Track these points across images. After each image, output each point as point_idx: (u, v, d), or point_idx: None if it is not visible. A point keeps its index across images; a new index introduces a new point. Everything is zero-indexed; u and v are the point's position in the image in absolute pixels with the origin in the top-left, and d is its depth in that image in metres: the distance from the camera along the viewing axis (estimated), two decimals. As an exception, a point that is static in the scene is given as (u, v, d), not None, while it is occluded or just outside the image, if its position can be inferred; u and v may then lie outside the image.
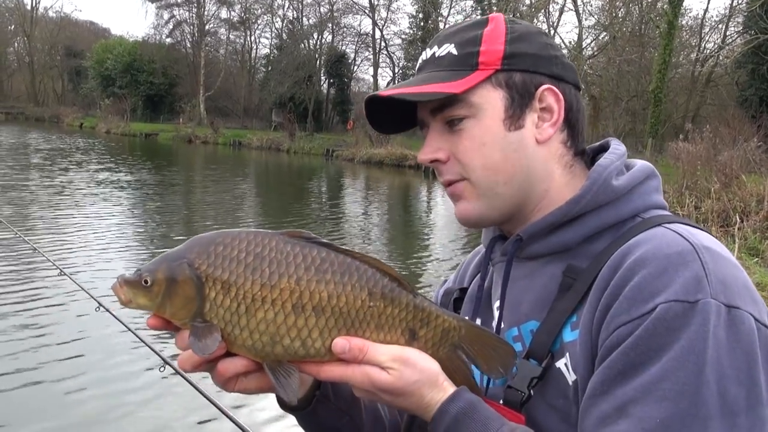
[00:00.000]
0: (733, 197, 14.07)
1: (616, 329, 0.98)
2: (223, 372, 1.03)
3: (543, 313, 1.12)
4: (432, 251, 14.45)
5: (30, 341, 6.79)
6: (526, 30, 1.21)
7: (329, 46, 58.62)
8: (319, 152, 42.60)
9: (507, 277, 1.20)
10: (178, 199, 19.98)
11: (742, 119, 21.69)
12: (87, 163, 27.78)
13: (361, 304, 1.03)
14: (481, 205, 1.19)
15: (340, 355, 1.02)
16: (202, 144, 48.40)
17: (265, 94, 57.96)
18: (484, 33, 1.18)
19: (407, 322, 1.06)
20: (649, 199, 1.17)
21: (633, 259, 1.01)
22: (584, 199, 1.14)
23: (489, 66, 1.16)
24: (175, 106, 61.36)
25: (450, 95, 1.14)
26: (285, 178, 31.62)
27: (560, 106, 1.18)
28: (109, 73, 63.27)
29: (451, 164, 1.20)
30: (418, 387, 1.04)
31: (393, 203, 24.00)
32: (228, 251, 1.01)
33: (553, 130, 1.18)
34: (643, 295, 0.97)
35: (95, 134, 51.71)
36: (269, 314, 0.99)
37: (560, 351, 1.07)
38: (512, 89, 1.16)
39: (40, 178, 21.34)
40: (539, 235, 1.17)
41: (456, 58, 1.18)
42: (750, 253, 11.02)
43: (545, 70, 1.18)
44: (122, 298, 1.01)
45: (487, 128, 1.16)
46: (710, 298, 0.94)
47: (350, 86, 59.83)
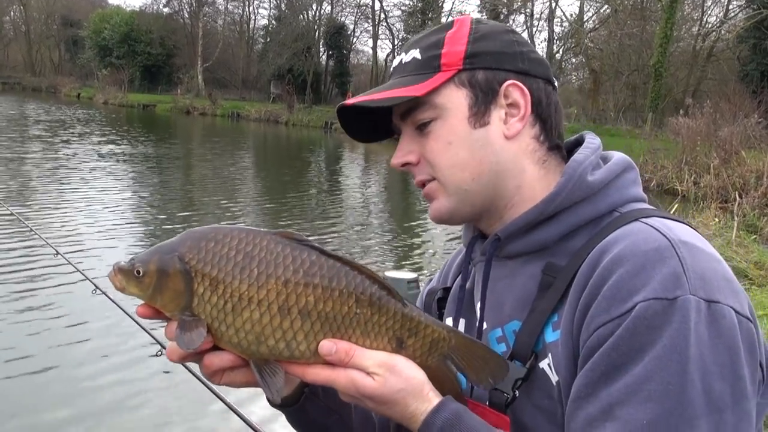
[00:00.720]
0: (732, 173, 14.09)
1: (596, 329, 0.97)
2: (209, 365, 1.04)
3: (525, 312, 1.12)
4: (430, 224, 14.45)
5: (25, 323, 6.76)
6: (490, 29, 1.21)
7: (328, 17, 58.13)
8: (318, 125, 42.42)
9: (487, 277, 1.20)
10: (177, 174, 19.91)
11: (743, 94, 21.61)
12: (88, 136, 27.67)
13: (348, 310, 1.02)
14: (451, 202, 1.20)
15: (326, 357, 1.02)
16: (200, 115, 48.21)
17: (263, 66, 57.58)
18: (447, 36, 1.19)
19: (394, 331, 1.05)
20: (626, 193, 1.16)
21: (610, 258, 1.01)
22: (559, 196, 1.13)
23: (451, 67, 1.17)
24: (173, 77, 61.06)
25: (412, 98, 1.16)
26: (284, 152, 31.55)
27: (527, 101, 1.17)
28: (106, 43, 62.83)
29: (421, 166, 1.21)
30: (402, 396, 1.03)
31: (392, 176, 23.96)
32: (219, 248, 1.01)
33: (521, 125, 1.18)
34: (621, 294, 0.97)
35: (93, 105, 51.46)
36: (255, 314, 0.99)
37: (543, 351, 1.07)
38: (475, 87, 1.17)
39: (41, 151, 21.23)
40: (517, 234, 1.17)
41: (419, 63, 1.19)
42: (749, 230, 11.03)
43: (510, 66, 1.18)
44: (116, 285, 1.03)
45: (452, 127, 1.17)
46: (689, 294, 0.94)
47: (349, 58, 59.49)
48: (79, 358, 6.13)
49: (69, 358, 6.13)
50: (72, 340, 6.47)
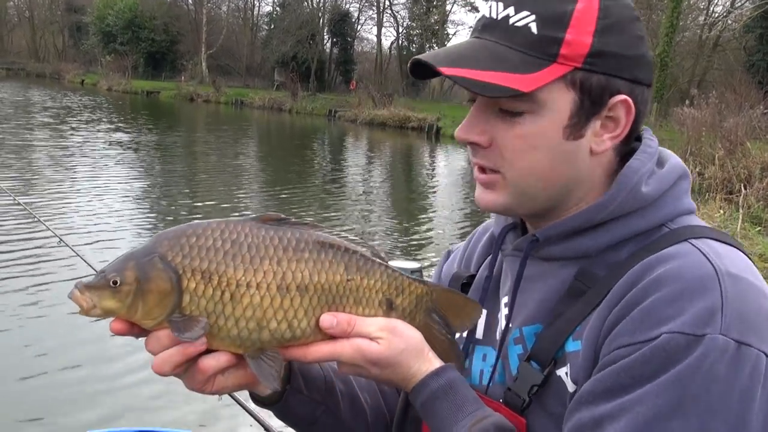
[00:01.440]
0: (737, 164, 14.03)
1: (617, 349, 0.95)
2: (205, 369, 1.00)
3: (548, 316, 1.09)
4: (435, 213, 14.46)
5: (25, 310, 6.76)
6: (620, 15, 1.04)
7: (333, 4, 57.87)
8: (322, 113, 42.33)
9: (520, 277, 1.15)
10: (182, 162, 19.89)
11: (749, 85, 21.53)
12: (94, 123, 27.60)
13: (340, 279, 1.04)
14: (510, 201, 1.10)
15: (328, 330, 1.02)
16: (204, 102, 48.12)
17: (267, 53, 57.37)
18: (576, 11, 1.01)
19: (383, 293, 1.08)
20: (679, 205, 1.08)
21: (650, 278, 0.96)
22: (611, 205, 1.06)
23: (569, 62, 1.01)
24: (177, 63, 60.87)
25: (517, 92, 1.00)
26: (288, 140, 31.51)
27: (628, 120, 1.06)
28: (110, 29, 62.56)
29: (490, 152, 1.08)
30: (405, 356, 1.05)
31: (396, 165, 23.94)
32: (202, 241, 0.99)
33: (612, 143, 1.07)
34: (650, 321, 0.93)
35: (97, 91, 51.35)
36: (255, 298, 0.99)
37: (562, 359, 1.05)
38: (585, 94, 1.03)
39: (47, 138, 21.20)
40: (557, 239, 1.10)
41: (534, 40, 1.02)
42: (753, 222, 11.01)
43: (627, 74, 1.05)
44: (84, 305, 0.96)
45: (543, 131, 1.04)
46: (718, 333, 0.90)
47: (353, 46, 59.22)
48: (78, 346, 6.11)
49: (69, 348, 6.12)
50: (72, 328, 6.48)
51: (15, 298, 7.01)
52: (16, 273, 7.70)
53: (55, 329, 6.34)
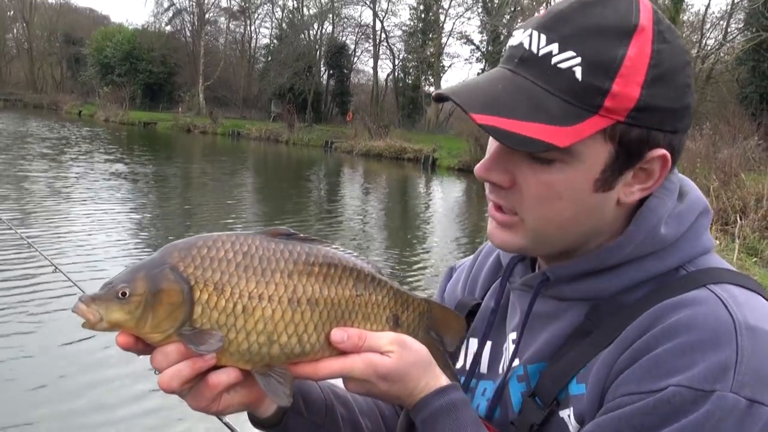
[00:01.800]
0: (732, 195, 14.05)
1: (622, 396, 0.92)
2: (215, 384, 0.96)
3: (554, 355, 1.06)
4: (431, 244, 14.46)
5: (19, 338, 6.72)
6: (672, 62, 0.95)
7: (329, 37, 58.41)
8: (318, 144, 42.47)
9: (528, 314, 1.11)
10: (179, 194, 19.91)
11: (742, 117, 21.64)
12: (91, 154, 27.62)
13: (350, 293, 1.03)
14: (525, 244, 1.06)
15: (339, 345, 1.00)
16: (200, 134, 48.24)
17: (264, 85, 57.71)
18: (627, 58, 0.92)
19: (390, 308, 1.07)
20: (697, 245, 1.03)
21: (663, 326, 0.92)
22: (627, 247, 1.01)
23: (612, 114, 0.93)
24: (174, 95, 61.18)
25: (552, 147, 0.93)
26: (284, 171, 31.56)
27: (663, 174, 0.99)
28: (108, 60, 62.93)
29: (511, 193, 1.02)
30: (416, 369, 1.03)
31: (392, 196, 23.96)
32: (214, 252, 0.97)
33: (642, 194, 1.01)
34: (658, 371, 0.89)
35: (94, 122, 51.51)
36: (267, 311, 0.97)
37: (565, 401, 1.02)
38: (623, 147, 0.96)
39: (46, 169, 21.12)
40: (569, 279, 1.06)
41: (578, 87, 0.92)
42: (749, 252, 11.02)
43: (669, 127, 0.97)
44: (91, 318, 0.93)
45: (572, 182, 0.97)
46: (729, 391, 0.85)
47: (350, 78, 59.67)
48: (76, 373, 6.09)
49: (57, 370, 6.08)
50: (68, 355, 6.42)
51: (12, 326, 6.95)
52: (12, 302, 7.65)
53: (51, 359, 6.28)
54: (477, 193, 25.62)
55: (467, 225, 17.42)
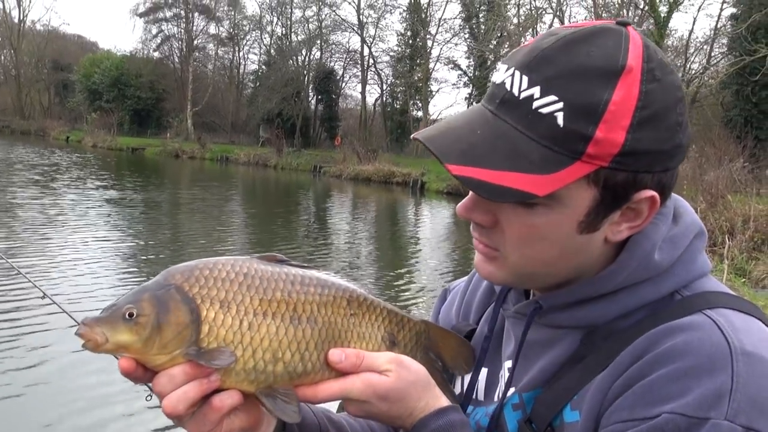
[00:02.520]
0: (719, 217, 14.15)
1: (616, 423, 0.90)
2: (220, 406, 0.95)
3: (549, 382, 1.05)
4: (420, 266, 14.43)
5: (8, 363, 6.66)
6: (662, 101, 0.91)
7: (317, 62, 58.67)
8: (307, 168, 42.49)
9: (522, 341, 1.10)
10: (168, 219, 19.82)
11: (728, 139, 21.88)
12: (82, 180, 27.49)
13: (344, 312, 1.05)
14: (509, 278, 1.05)
15: (337, 365, 1.00)
16: (189, 159, 48.21)
17: (252, 110, 57.85)
18: (611, 102, 0.88)
19: (385, 327, 1.09)
20: (692, 269, 1.00)
21: (657, 352, 0.90)
22: (621, 275, 0.98)
23: (595, 160, 0.90)
24: (163, 120, 61.16)
25: (531, 196, 0.90)
26: (273, 196, 31.51)
27: (651, 213, 0.96)
28: (96, 87, 62.99)
29: (493, 233, 1.01)
30: (415, 389, 1.02)
31: (381, 220, 23.95)
32: (216, 273, 0.98)
33: (631, 232, 0.98)
34: (652, 397, 0.87)
35: (82, 148, 51.39)
36: (271, 328, 0.98)
37: (560, 428, 1.00)
38: (608, 191, 0.93)
39: (35, 196, 20.92)
40: (562, 307, 1.03)
41: (559, 134, 0.89)
42: (737, 273, 11.07)
43: (659, 167, 0.93)
44: (97, 339, 0.91)
45: (556, 225, 0.95)
46: (723, 419, 0.83)
47: (338, 103, 59.88)
48: (60, 397, 6.01)
49: (48, 398, 6.01)
50: (59, 382, 6.34)
51: None
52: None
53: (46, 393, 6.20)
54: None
55: (457, 248, 17.42)
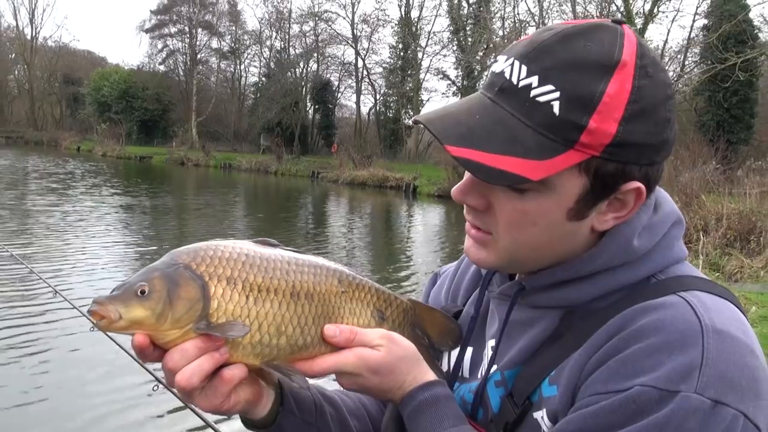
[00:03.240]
0: (694, 215, 14.18)
1: (590, 396, 0.90)
2: (230, 378, 0.96)
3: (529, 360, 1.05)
4: (412, 265, 14.44)
5: (23, 361, 6.62)
6: (652, 97, 0.92)
7: (314, 74, 58.59)
8: (305, 174, 42.46)
9: (506, 321, 1.10)
10: (173, 221, 19.81)
11: (701, 143, 21.92)
12: (97, 188, 27.44)
13: (336, 290, 1.06)
14: (499, 262, 1.05)
15: (332, 340, 1.02)
16: (194, 166, 48.09)
17: (254, 120, 57.78)
18: (606, 94, 0.88)
19: (374, 304, 1.10)
20: (668, 255, 1.00)
21: (632, 328, 0.90)
22: (600, 258, 0.98)
23: (588, 149, 0.90)
24: (169, 130, 60.99)
25: (524, 180, 0.91)
26: (274, 200, 31.46)
27: (636, 205, 0.97)
28: (106, 99, 62.72)
29: (486, 216, 1.01)
30: (405, 363, 1.04)
31: (376, 222, 23.94)
32: (219, 253, 0.99)
33: (616, 222, 0.98)
34: (626, 371, 0.87)
35: (92, 157, 51.21)
36: (275, 303, 0.99)
37: (538, 403, 1.00)
38: (598, 180, 0.93)
39: (53, 203, 20.84)
40: (544, 288, 1.04)
41: (555, 122, 0.89)
42: (712, 268, 11.10)
43: (646, 161, 0.94)
44: (111, 316, 0.91)
45: (546, 211, 0.95)
46: (693, 392, 0.83)
47: (334, 112, 59.75)
48: (72, 392, 6.02)
49: (61, 392, 6.00)
50: (71, 376, 6.32)
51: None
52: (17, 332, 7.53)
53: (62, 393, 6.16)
54: (455, 218, 25.70)
55: (446, 247, 17.43)
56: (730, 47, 25.12)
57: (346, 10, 55.49)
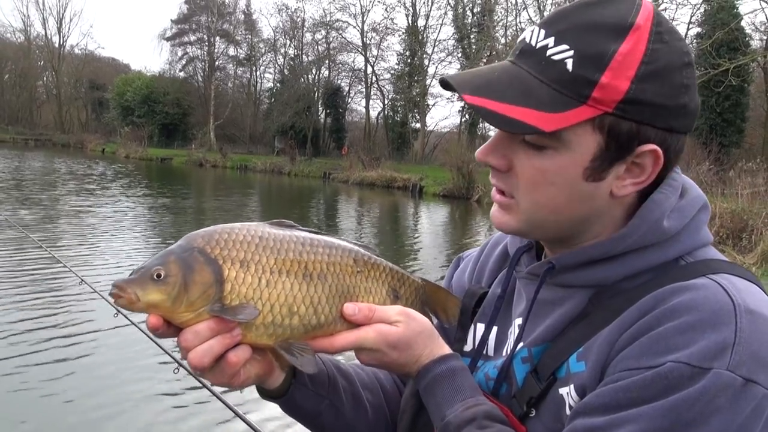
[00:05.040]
0: (687, 214, 14.15)
1: (622, 371, 0.87)
2: (235, 362, 0.94)
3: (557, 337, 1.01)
4: (418, 261, 14.41)
5: (49, 347, 6.63)
6: (667, 60, 0.90)
7: (326, 80, 58.69)
8: (317, 175, 42.51)
9: (534, 299, 1.05)
10: (192, 220, 19.83)
11: (694, 145, 21.89)
12: (129, 188, 27.59)
13: (351, 269, 1.04)
14: (521, 227, 1.01)
15: (351, 318, 1.00)
16: (212, 167, 48.23)
17: (268, 123, 57.91)
18: (618, 53, 0.87)
19: (389, 283, 1.08)
20: (696, 238, 0.98)
21: (664, 308, 0.87)
22: (630, 238, 0.95)
23: (600, 105, 0.88)
24: (188, 133, 61.24)
25: (539, 132, 0.89)
26: (287, 199, 31.52)
27: (655, 170, 0.93)
28: (129, 104, 63.05)
29: (508, 177, 0.98)
30: (422, 338, 1.02)
31: (384, 220, 23.94)
32: (234, 236, 0.97)
33: (634, 189, 0.95)
34: (658, 347, 0.84)
35: (116, 159, 51.44)
36: (287, 285, 0.97)
37: (565, 379, 0.96)
38: (612, 139, 0.90)
39: (86, 202, 20.96)
40: (574, 267, 1.00)
41: (568, 78, 0.88)
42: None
43: (660, 124, 0.91)
44: (131, 297, 0.90)
45: (563, 169, 0.92)
46: (725, 369, 0.80)
47: (345, 116, 59.83)
48: (97, 377, 5.99)
49: (85, 377, 5.99)
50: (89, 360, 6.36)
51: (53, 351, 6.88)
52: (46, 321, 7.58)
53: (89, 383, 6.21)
54: (459, 217, 25.66)
55: (451, 244, 17.41)
56: (723, 54, 25.02)
57: (357, 19, 55.65)
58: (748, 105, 31.30)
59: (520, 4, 43.03)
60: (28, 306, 7.93)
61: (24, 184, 24.18)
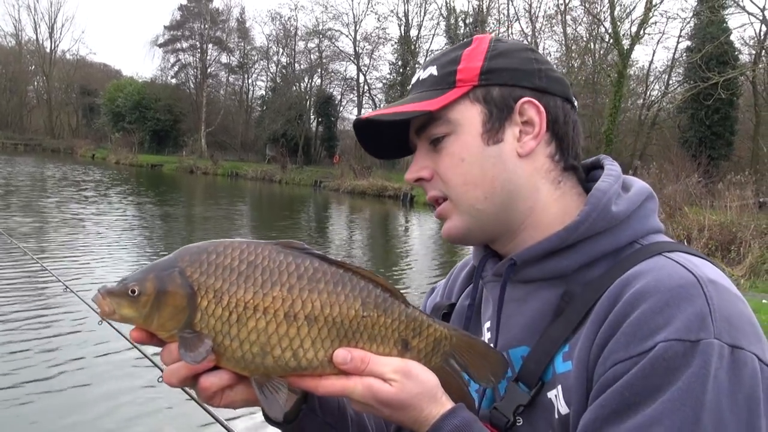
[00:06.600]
0: (677, 226, 14.17)
1: (613, 366, 0.86)
2: (207, 387, 0.91)
3: (534, 338, 1.00)
4: (409, 271, 14.40)
5: (35, 355, 6.57)
6: (509, 47, 1.10)
7: (318, 88, 58.69)
8: (308, 183, 42.46)
9: (501, 300, 1.06)
10: (181, 225, 19.79)
11: (684, 158, 22.00)
12: (97, 192, 27.43)
13: (355, 314, 0.93)
14: (464, 222, 1.07)
15: (341, 366, 0.91)
16: (202, 174, 48.06)
17: (260, 131, 57.83)
18: (464, 53, 1.09)
19: (399, 333, 0.96)
20: (646, 223, 1.03)
21: (633, 292, 0.89)
22: (583, 225, 1.00)
23: (466, 83, 1.06)
24: (179, 140, 60.97)
25: (426, 113, 1.05)
26: (278, 207, 31.44)
27: (542, 119, 1.05)
28: (120, 109, 62.73)
29: (434, 182, 1.10)
30: (419, 400, 0.93)
31: (375, 229, 23.92)
32: (221, 259, 0.91)
33: (535, 143, 1.06)
34: (642, 332, 0.85)
35: (107, 164, 51.21)
36: (261, 323, 0.89)
37: (552, 382, 0.96)
38: (490, 104, 1.05)
39: (71, 207, 20.90)
40: (534, 260, 1.04)
41: (436, 79, 1.09)
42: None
43: (527, 83, 1.06)
44: (105, 309, 0.90)
45: (465, 144, 1.05)
46: (713, 338, 0.82)
47: (336, 124, 59.82)
48: (82, 384, 5.94)
49: (70, 384, 5.94)
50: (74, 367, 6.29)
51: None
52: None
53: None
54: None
55: (441, 252, 17.42)
56: (712, 67, 25.21)
57: (349, 28, 55.92)
58: (737, 118, 31.54)
59: (512, 16, 43.32)
60: (10, 312, 7.85)
61: (11, 190, 23.99)
